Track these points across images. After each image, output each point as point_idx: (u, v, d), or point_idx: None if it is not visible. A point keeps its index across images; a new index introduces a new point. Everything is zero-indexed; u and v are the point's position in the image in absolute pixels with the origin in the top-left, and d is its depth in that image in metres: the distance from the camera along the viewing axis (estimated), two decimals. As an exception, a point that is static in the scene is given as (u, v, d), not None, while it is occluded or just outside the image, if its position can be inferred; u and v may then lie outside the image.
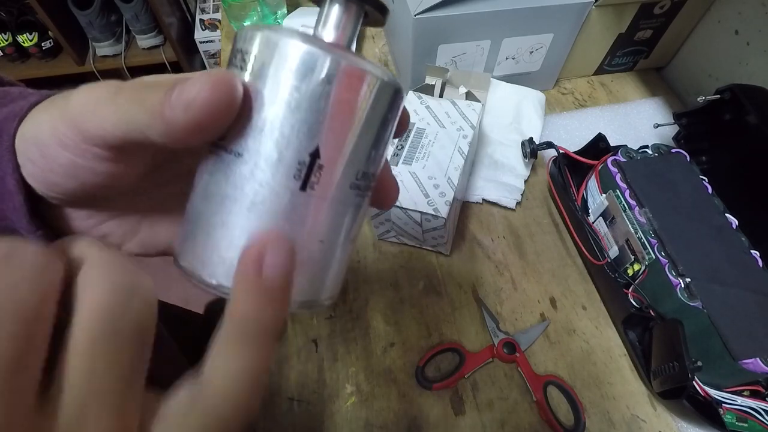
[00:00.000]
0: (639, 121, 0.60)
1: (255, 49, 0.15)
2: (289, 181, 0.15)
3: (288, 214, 0.15)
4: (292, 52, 0.15)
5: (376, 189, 0.19)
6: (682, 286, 0.38)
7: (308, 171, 0.15)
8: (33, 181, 0.18)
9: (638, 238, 0.41)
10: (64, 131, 0.16)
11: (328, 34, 0.17)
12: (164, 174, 0.22)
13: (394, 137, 0.19)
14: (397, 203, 0.41)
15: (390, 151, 0.45)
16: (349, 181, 0.16)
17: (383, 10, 0.17)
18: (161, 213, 0.22)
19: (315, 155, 0.15)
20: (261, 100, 0.15)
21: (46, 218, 0.20)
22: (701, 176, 0.45)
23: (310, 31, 0.17)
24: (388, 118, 0.17)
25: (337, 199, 0.16)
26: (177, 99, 0.14)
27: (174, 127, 0.14)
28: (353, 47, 0.17)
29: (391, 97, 0.17)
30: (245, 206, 0.15)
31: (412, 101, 0.49)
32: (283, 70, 0.15)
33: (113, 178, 0.18)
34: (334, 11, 0.17)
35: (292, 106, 0.15)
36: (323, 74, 0.15)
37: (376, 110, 0.16)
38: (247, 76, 0.15)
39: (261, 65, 0.15)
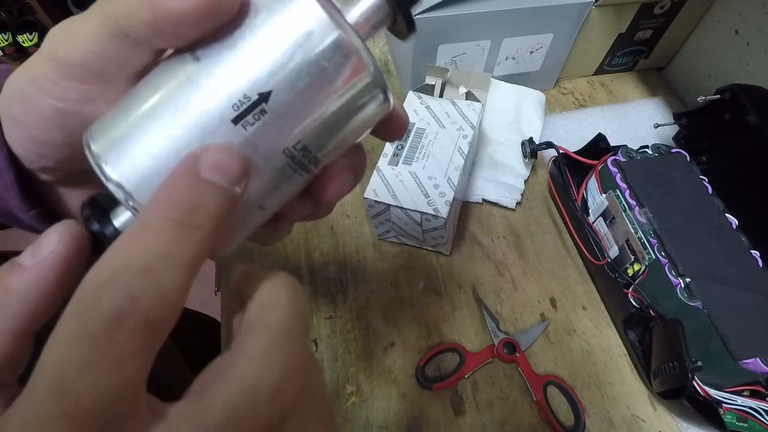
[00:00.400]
0: (639, 121, 0.60)
1: None
2: (226, 108, 0.14)
3: (208, 138, 0.14)
4: (305, 5, 0.14)
5: (387, 121, 0.18)
6: (682, 286, 0.38)
7: (249, 108, 0.14)
8: (20, 148, 0.18)
9: (638, 238, 0.41)
10: (42, 72, 0.16)
11: (352, 15, 0.16)
12: None
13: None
14: (397, 203, 0.41)
15: (390, 150, 0.45)
16: (284, 145, 0.15)
17: (411, 28, 0.17)
18: None
19: (264, 98, 0.14)
20: (249, 23, 0.14)
21: (39, 198, 0.20)
22: (701, 176, 0.45)
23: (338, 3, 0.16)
24: (360, 117, 0.16)
25: (262, 154, 0.15)
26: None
27: (165, 14, 0.14)
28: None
29: (373, 98, 0.16)
30: (175, 108, 0.14)
31: (412, 101, 0.49)
32: (287, 13, 0.14)
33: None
34: (369, 2, 0.16)
35: (272, 43, 0.14)
36: (319, 37, 0.14)
37: (351, 101, 0.16)
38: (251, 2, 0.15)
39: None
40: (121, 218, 0.16)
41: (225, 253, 0.17)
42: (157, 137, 0.14)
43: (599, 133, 0.50)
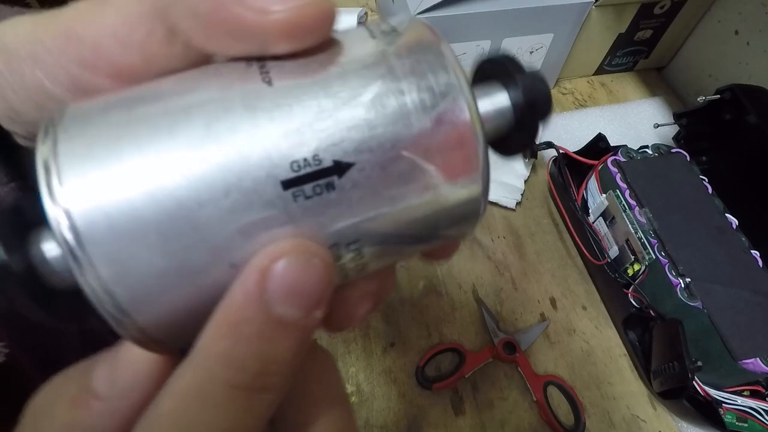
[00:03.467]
0: (639, 121, 0.60)
1: (411, 32, 0.12)
2: (282, 163, 0.10)
3: (235, 194, 0.10)
4: (441, 69, 0.12)
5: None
6: (682, 286, 0.38)
7: (313, 175, 0.10)
8: None
9: (638, 238, 0.41)
10: (44, 37, 0.12)
11: (482, 105, 0.13)
12: None
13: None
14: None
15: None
16: (336, 239, 0.11)
17: (533, 153, 0.15)
18: None
19: (340, 169, 0.10)
20: (357, 65, 0.11)
21: (22, 168, 0.17)
22: (701, 176, 0.45)
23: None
24: (436, 231, 0.13)
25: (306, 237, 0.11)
26: None
27: (232, 12, 0.10)
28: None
29: (462, 217, 0.13)
30: (207, 133, 0.10)
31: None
32: (418, 70, 0.11)
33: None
34: (496, 100, 0.13)
35: (382, 103, 0.11)
36: (449, 117, 0.11)
37: (441, 211, 0.12)
38: (371, 43, 0.12)
39: (400, 45, 0.11)
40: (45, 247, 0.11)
41: None
42: (160, 167, 0.10)
43: (599, 133, 0.50)
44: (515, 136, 0.13)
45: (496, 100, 0.13)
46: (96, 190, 0.09)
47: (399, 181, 0.11)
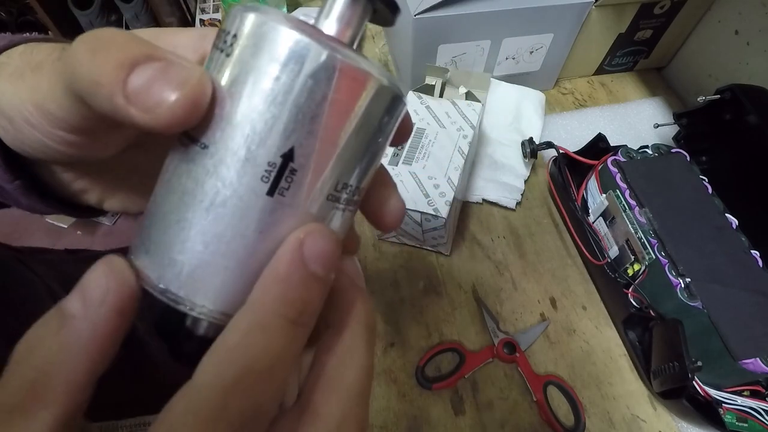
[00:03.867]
0: (639, 121, 0.60)
1: (242, 31, 0.13)
2: (256, 183, 0.13)
3: (251, 221, 0.13)
4: (280, 39, 0.13)
5: (374, 208, 0.18)
6: (682, 286, 0.38)
7: (278, 174, 0.13)
8: (5, 139, 0.17)
9: (638, 238, 0.41)
10: (30, 111, 0.16)
11: (330, 26, 0.15)
12: (144, 144, 0.21)
13: (393, 145, 0.18)
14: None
15: (390, 150, 0.45)
16: (326, 192, 0.14)
17: (394, 9, 0.16)
18: (143, 175, 0.21)
19: (288, 157, 0.13)
20: (239, 90, 0.13)
21: (25, 169, 0.19)
22: (701, 176, 0.45)
23: (311, 21, 0.15)
24: (383, 128, 0.15)
25: (310, 210, 0.14)
26: (135, 97, 0.12)
27: (130, 120, 0.13)
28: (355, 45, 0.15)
29: (388, 104, 0.15)
30: (204, 205, 0.13)
31: (412, 101, 0.49)
32: (266, 57, 0.13)
33: (86, 155, 0.18)
34: (340, 2, 0.15)
35: (269, 99, 0.13)
36: (310, 67, 0.13)
37: (368, 116, 0.14)
38: (229, 62, 0.14)
39: (245, 50, 0.13)
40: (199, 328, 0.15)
41: None
42: (193, 240, 0.13)
43: (599, 133, 0.50)
44: (378, 2, 0.15)
45: (337, 9, 0.15)
46: (148, 258, 0.14)
47: (328, 129, 0.13)
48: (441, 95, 0.50)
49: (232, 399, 0.12)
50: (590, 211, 0.48)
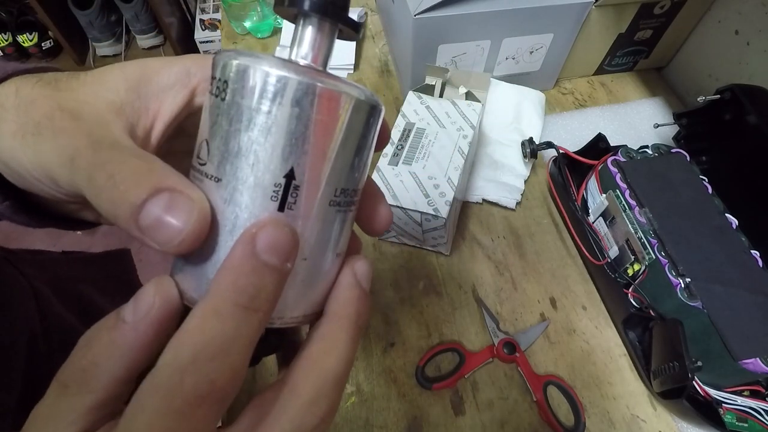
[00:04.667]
0: (639, 121, 0.60)
1: (229, 77, 0.15)
2: (267, 203, 0.15)
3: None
4: (263, 78, 0.15)
5: (365, 216, 0.20)
6: (682, 286, 0.38)
7: (284, 192, 0.15)
8: (9, 178, 0.18)
9: (638, 238, 0.41)
10: (39, 173, 0.17)
11: (303, 54, 0.17)
12: None
13: (376, 150, 0.19)
14: (398, 203, 0.41)
15: (390, 150, 0.45)
16: (328, 199, 0.16)
17: (356, 27, 0.17)
18: None
19: (290, 176, 0.15)
20: (238, 128, 0.15)
21: (15, 189, 0.19)
22: (701, 176, 0.45)
23: (286, 52, 0.17)
24: (365, 135, 0.17)
25: (317, 217, 0.16)
26: (147, 232, 0.15)
27: (137, 235, 0.15)
28: (330, 64, 0.18)
29: (366, 115, 0.17)
30: (228, 229, 0.15)
31: (412, 101, 0.49)
32: (255, 96, 0.15)
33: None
34: (308, 32, 0.17)
35: (265, 131, 0.15)
36: (291, 97, 0.15)
37: (350, 129, 0.16)
38: (225, 106, 0.16)
39: (235, 93, 0.15)
40: None
41: (319, 308, 0.18)
42: (217, 248, 0.16)
43: (599, 133, 0.50)
44: (340, 23, 0.17)
45: (307, 38, 0.17)
46: (190, 281, 0.16)
47: (318, 146, 0.16)
48: (441, 95, 0.50)
49: (188, 376, 0.13)
50: (590, 211, 0.48)
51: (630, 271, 0.42)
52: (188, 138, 0.18)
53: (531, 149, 0.52)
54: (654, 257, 0.40)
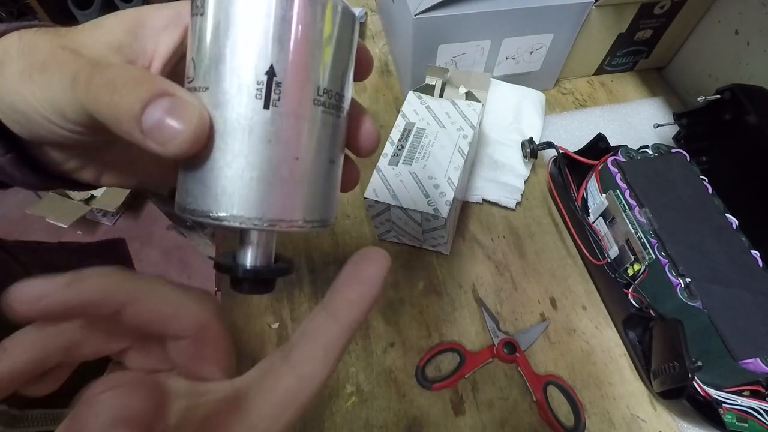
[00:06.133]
0: (639, 121, 0.60)
1: None
2: (253, 102, 0.16)
3: (259, 133, 0.16)
4: None
5: (350, 135, 0.20)
6: (682, 286, 0.38)
7: (267, 89, 0.16)
8: (13, 128, 0.19)
9: (638, 238, 0.41)
10: (47, 109, 0.17)
11: None
12: None
13: (357, 79, 0.20)
14: (398, 203, 0.41)
15: (390, 150, 0.45)
16: (311, 97, 0.17)
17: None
18: (136, 153, 0.22)
19: (270, 73, 0.16)
20: (218, 34, 0.16)
21: (16, 142, 0.20)
22: (701, 176, 0.45)
23: None
24: (342, 39, 0.18)
25: (302, 115, 0.17)
26: (150, 133, 0.15)
27: (144, 147, 0.15)
28: None
29: (341, 18, 0.17)
30: (219, 133, 0.16)
31: (412, 101, 0.49)
32: (233, 2, 0.16)
33: (90, 142, 0.19)
34: None
35: (243, 31, 0.16)
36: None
37: (327, 29, 0.17)
38: (205, 19, 0.16)
39: (212, 2, 0.16)
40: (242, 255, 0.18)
41: (331, 216, 0.19)
42: (223, 166, 0.16)
43: (599, 133, 0.50)
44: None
45: None
46: (195, 197, 0.17)
47: (296, 44, 0.16)
48: (441, 95, 0.50)
49: None
50: (590, 211, 0.48)
51: (630, 271, 0.42)
52: (182, 81, 0.18)
53: (531, 149, 0.52)
54: (654, 257, 0.40)
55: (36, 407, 0.34)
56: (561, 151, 0.49)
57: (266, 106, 0.16)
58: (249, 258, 0.18)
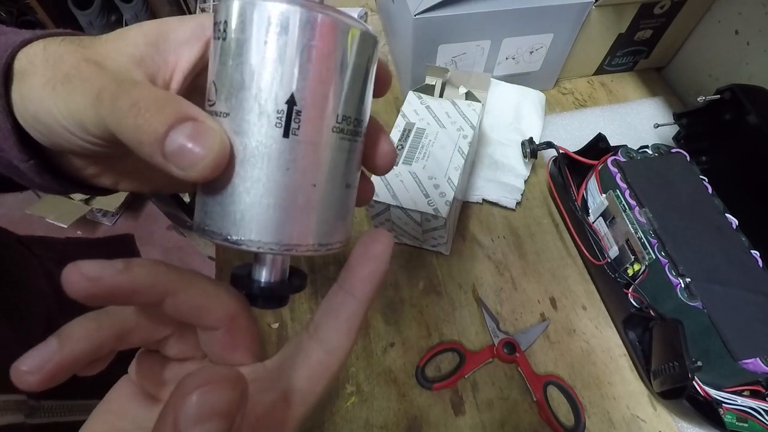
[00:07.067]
0: (639, 121, 0.60)
1: (230, 16, 0.16)
2: (272, 130, 0.16)
3: (278, 161, 0.16)
4: (263, 11, 0.16)
5: (367, 153, 0.20)
6: (682, 286, 0.38)
7: (287, 118, 0.16)
8: (37, 138, 0.19)
9: (638, 238, 0.41)
10: (68, 121, 0.18)
11: None
12: None
13: (376, 96, 0.20)
14: (397, 203, 0.41)
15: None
16: (330, 124, 0.17)
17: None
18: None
19: (291, 102, 0.16)
20: (240, 62, 0.16)
21: (38, 149, 0.20)
22: (701, 176, 0.45)
23: None
24: (360, 64, 0.18)
25: (320, 143, 0.17)
26: (172, 158, 0.15)
27: (166, 170, 0.16)
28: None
29: (361, 43, 0.17)
30: (239, 160, 0.16)
31: (412, 101, 0.49)
32: (255, 29, 0.16)
33: (108, 153, 0.20)
34: None
35: (263, 59, 0.16)
36: (293, 25, 0.16)
37: (347, 55, 0.17)
38: (227, 45, 0.16)
39: (236, 29, 0.16)
40: (258, 271, 0.19)
41: (345, 238, 0.19)
42: (239, 192, 0.17)
43: (599, 133, 0.50)
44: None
45: None
46: (209, 218, 0.17)
47: (317, 72, 0.16)
48: (441, 95, 0.50)
49: None
50: (590, 211, 0.48)
51: (630, 271, 0.42)
52: (203, 96, 0.19)
53: (531, 149, 0.52)
54: (654, 257, 0.40)
55: (50, 398, 0.35)
56: (561, 151, 0.49)
57: (286, 134, 0.16)
58: (264, 276, 0.18)
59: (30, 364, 0.15)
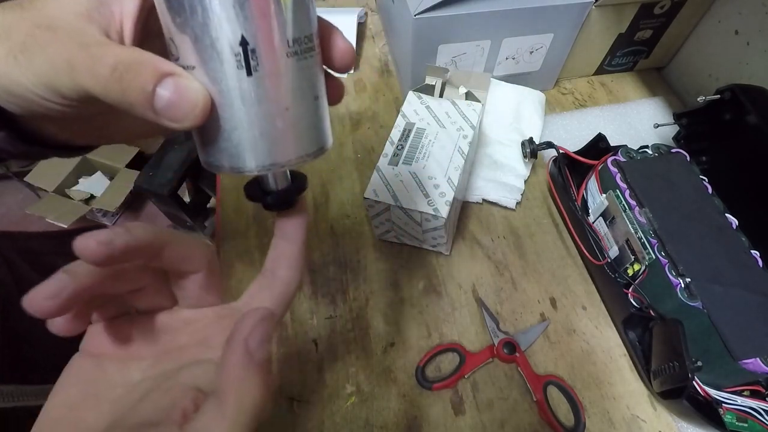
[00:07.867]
0: (639, 121, 0.60)
1: None
2: (237, 72, 0.18)
3: (251, 97, 0.18)
4: None
5: (325, 56, 0.21)
6: (682, 286, 0.38)
7: (246, 58, 0.17)
8: (9, 108, 0.20)
9: (638, 238, 0.41)
10: (38, 89, 0.18)
11: None
12: None
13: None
14: (398, 203, 0.41)
15: (390, 150, 0.45)
16: (285, 51, 0.18)
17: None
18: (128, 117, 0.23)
19: (244, 43, 0.17)
20: (185, 17, 0.17)
21: (11, 120, 0.21)
22: (701, 176, 0.45)
23: None
24: None
25: (280, 71, 0.18)
26: (163, 112, 0.17)
27: (152, 117, 0.17)
28: None
29: None
30: (219, 103, 0.18)
31: (412, 101, 0.49)
32: None
33: (87, 113, 0.20)
34: None
35: (207, 11, 0.17)
36: None
37: None
38: (173, 2, 0.17)
39: None
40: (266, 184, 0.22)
41: (327, 140, 0.21)
42: (232, 128, 0.19)
43: (599, 133, 0.50)
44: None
45: None
46: (210, 155, 0.20)
47: (257, 9, 0.17)
48: (441, 95, 0.50)
49: None
50: (590, 211, 0.48)
51: (630, 271, 0.42)
52: (157, 38, 0.19)
53: (531, 149, 0.52)
54: (654, 257, 0.40)
55: (9, 383, 0.37)
56: (561, 151, 0.49)
57: (249, 73, 0.18)
58: (271, 186, 0.22)
59: (47, 292, 0.16)
